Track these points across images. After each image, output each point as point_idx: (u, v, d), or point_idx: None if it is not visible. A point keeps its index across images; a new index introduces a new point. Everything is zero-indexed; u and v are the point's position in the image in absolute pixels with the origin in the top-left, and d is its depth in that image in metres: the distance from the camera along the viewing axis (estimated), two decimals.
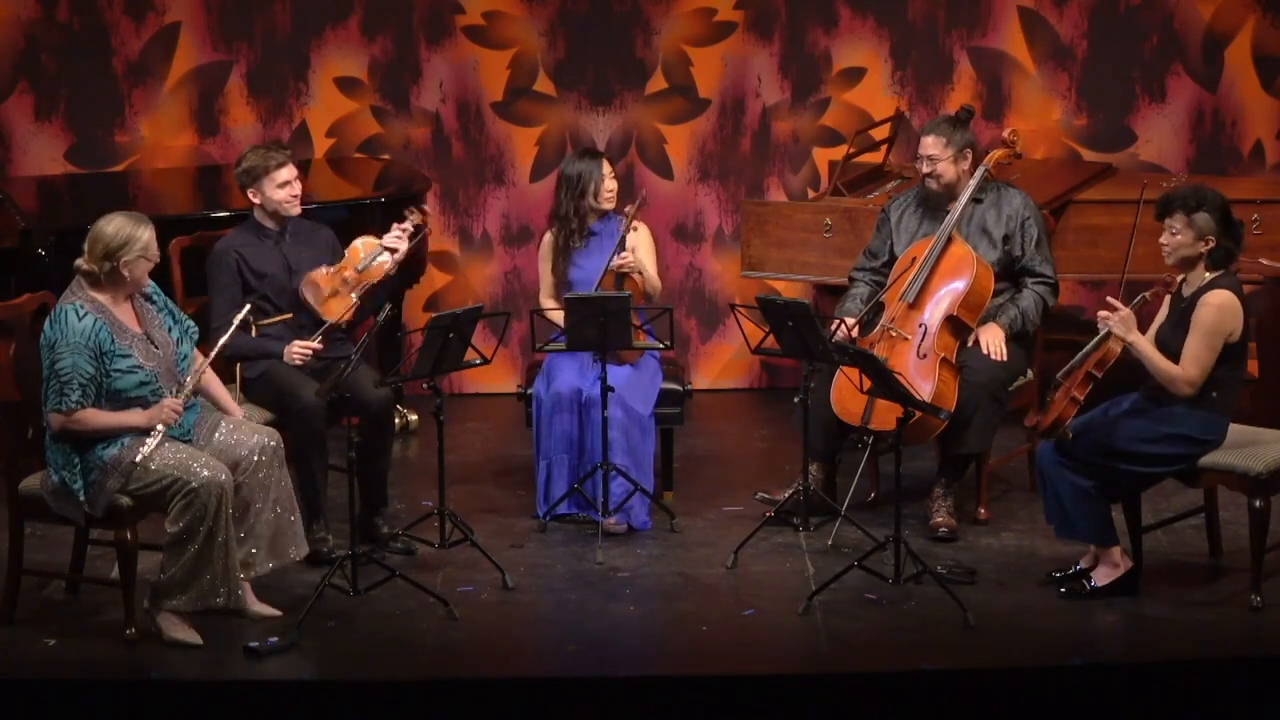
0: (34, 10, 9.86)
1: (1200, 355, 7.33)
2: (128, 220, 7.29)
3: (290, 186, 8.06)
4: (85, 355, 7.17)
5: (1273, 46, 9.99)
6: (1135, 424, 7.45)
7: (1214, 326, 7.35)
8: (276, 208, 8.05)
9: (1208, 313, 7.34)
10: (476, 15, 9.96)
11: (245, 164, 8.09)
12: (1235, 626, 7.48)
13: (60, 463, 7.32)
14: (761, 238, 9.20)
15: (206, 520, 7.23)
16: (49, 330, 7.25)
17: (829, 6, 9.96)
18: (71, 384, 7.16)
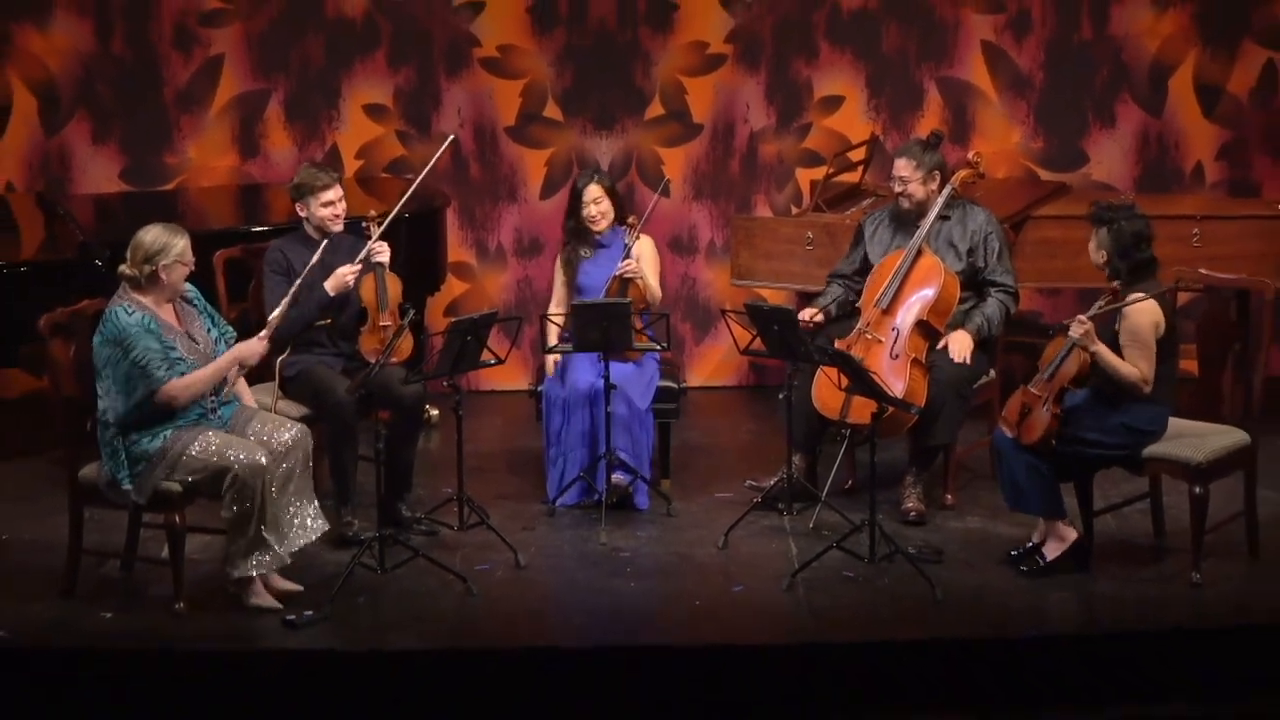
0: (91, 44, 9.87)
1: (1142, 359, 7.37)
2: (165, 230, 7.32)
3: (334, 206, 8.06)
4: (149, 338, 7.20)
5: (1212, 77, 9.99)
6: (1088, 416, 7.47)
7: (1141, 332, 7.39)
8: (320, 223, 8.06)
9: (1130, 324, 7.38)
10: (491, 48, 9.97)
11: (298, 180, 8.10)
12: (1178, 601, 7.49)
13: (108, 456, 7.34)
14: (750, 250, 9.20)
15: (255, 498, 7.26)
16: (106, 331, 7.25)
17: (810, 40, 9.97)
18: (152, 364, 7.19)
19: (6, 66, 9.87)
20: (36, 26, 9.85)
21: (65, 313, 7.66)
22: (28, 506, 8.37)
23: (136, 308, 7.25)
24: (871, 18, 9.93)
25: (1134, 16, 9.95)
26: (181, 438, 7.30)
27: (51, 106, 9.92)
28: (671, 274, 9.86)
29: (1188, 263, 8.35)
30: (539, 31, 9.97)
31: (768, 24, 9.96)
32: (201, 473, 7.28)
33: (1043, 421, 7.41)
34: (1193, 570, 7.57)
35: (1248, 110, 10.01)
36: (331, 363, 8.03)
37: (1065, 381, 7.40)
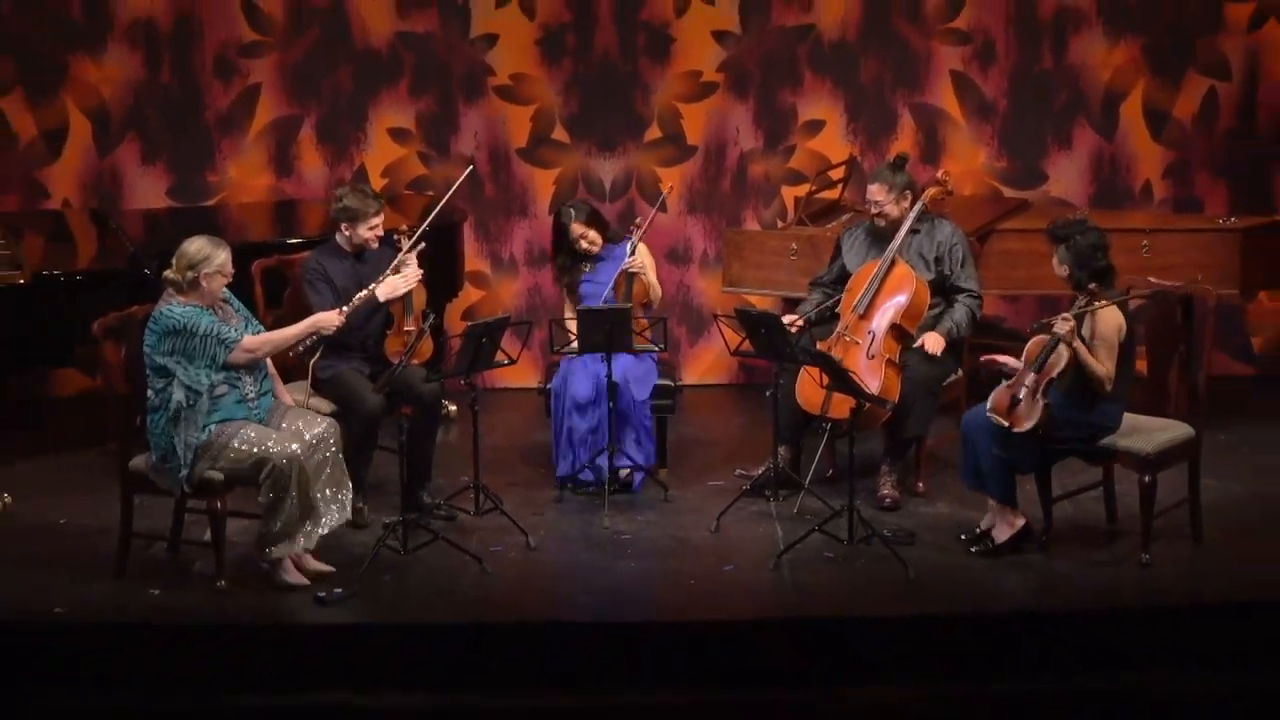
0: (141, 74, 9.87)
1: (1108, 359, 7.38)
2: (209, 241, 7.33)
3: (376, 229, 8.06)
4: (206, 315, 7.23)
5: (1159, 103, 9.99)
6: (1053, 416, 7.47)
7: (1108, 335, 7.40)
8: (363, 244, 8.06)
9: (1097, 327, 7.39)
10: (505, 77, 9.97)
11: (347, 203, 8.04)
12: (1128, 580, 7.49)
13: (160, 446, 7.34)
14: (739, 260, 9.21)
15: (290, 484, 7.26)
16: (160, 326, 7.23)
17: (795, 70, 9.97)
18: (220, 333, 7.24)
19: (64, 94, 9.87)
20: (91, 57, 9.85)
21: (117, 317, 7.66)
22: (82, 494, 8.37)
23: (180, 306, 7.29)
24: (850, 49, 9.94)
25: (1089, 48, 9.95)
26: (225, 431, 7.31)
27: (104, 130, 9.91)
28: (668, 282, 9.86)
29: (1138, 272, 8.35)
30: (548, 62, 9.97)
31: (756, 55, 9.97)
32: (242, 462, 7.29)
33: (1035, 411, 7.40)
34: (1142, 552, 7.57)
35: (1191, 134, 10.01)
36: (360, 368, 8.03)
37: (1053, 374, 7.40)
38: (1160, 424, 7.71)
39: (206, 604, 7.34)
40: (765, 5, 9.91)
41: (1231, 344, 10.00)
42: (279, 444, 7.28)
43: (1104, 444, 7.56)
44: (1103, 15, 9.91)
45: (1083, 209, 9.66)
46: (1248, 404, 9.48)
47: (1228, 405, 9.05)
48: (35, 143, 9.89)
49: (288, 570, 7.41)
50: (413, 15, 9.92)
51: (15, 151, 9.89)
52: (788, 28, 9.94)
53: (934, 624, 7.20)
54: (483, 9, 9.91)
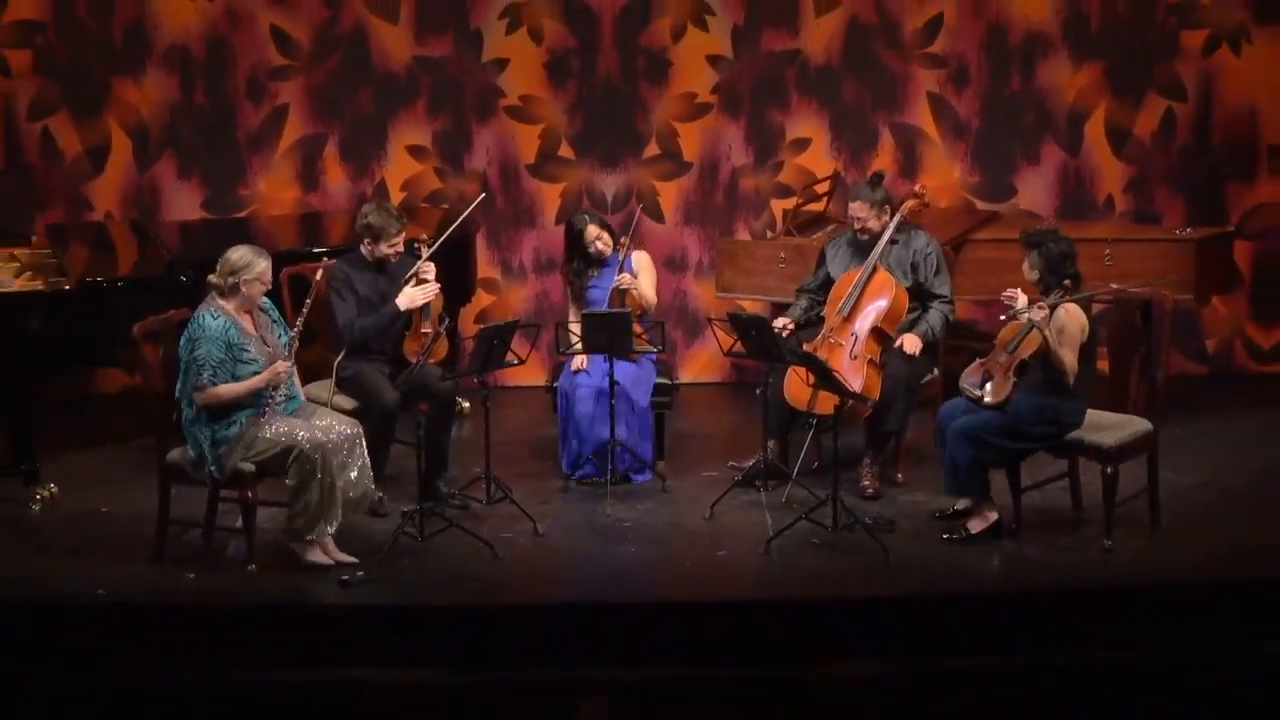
0: (177, 95, 9.87)
1: (1070, 354, 7.38)
2: (251, 250, 7.35)
3: (398, 246, 8.06)
4: (218, 345, 7.22)
5: (1121, 122, 9.99)
6: (1023, 413, 7.47)
7: (1070, 333, 7.40)
8: (383, 258, 8.06)
9: (1062, 325, 7.40)
10: (514, 98, 9.97)
11: (371, 220, 8.05)
12: (1092, 564, 7.49)
13: (195, 440, 7.34)
14: (732, 268, 9.21)
15: (315, 471, 7.26)
16: (190, 330, 7.30)
17: (783, 92, 9.97)
18: (205, 367, 7.22)
19: (106, 114, 9.87)
20: (132, 80, 9.85)
21: (155, 321, 7.68)
22: (123, 485, 8.37)
23: (221, 313, 7.29)
24: (834, 73, 9.93)
25: (1055, 71, 9.95)
26: (255, 423, 7.31)
27: (144, 147, 9.92)
28: (665, 287, 9.85)
29: (1100, 278, 8.35)
30: (554, 84, 9.97)
31: (747, 78, 9.96)
32: (270, 452, 7.29)
33: (1005, 388, 7.41)
34: (1104, 538, 7.57)
35: (1150, 151, 10.01)
36: (381, 367, 8.03)
37: (1024, 355, 7.40)
38: (1121, 420, 7.72)
39: (238, 586, 7.34)
40: (755, 32, 9.91)
41: (1187, 345, 10.00)
42: (305, 433, 7.30)
43: (1069, 438, 7.57)
44: (1067, 41, 9.91)
45: (1050, 220, 9.66)
46: (1202, 401, 9.49)
47: (1184, 402, 9.05)
48: (80, 159, 9.89)
49: (313, 551, 7.41)
50: (429, 41, 9.92)
51: (61, 167, 9.89)
52: (776, 52, 9.94)
53: (911, 604, 7.21)
54: (494, 35, 9.91)
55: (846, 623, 7.16)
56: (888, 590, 7.28)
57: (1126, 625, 7.14)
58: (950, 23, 9.90)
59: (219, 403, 7.27)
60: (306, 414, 7.46)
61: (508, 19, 9.90)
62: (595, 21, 9.91)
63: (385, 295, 8.02)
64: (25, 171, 9.87)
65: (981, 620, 7.17)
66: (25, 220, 9.72)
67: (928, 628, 7.13)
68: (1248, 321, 10.11)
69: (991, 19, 9.90)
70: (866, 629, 7.14)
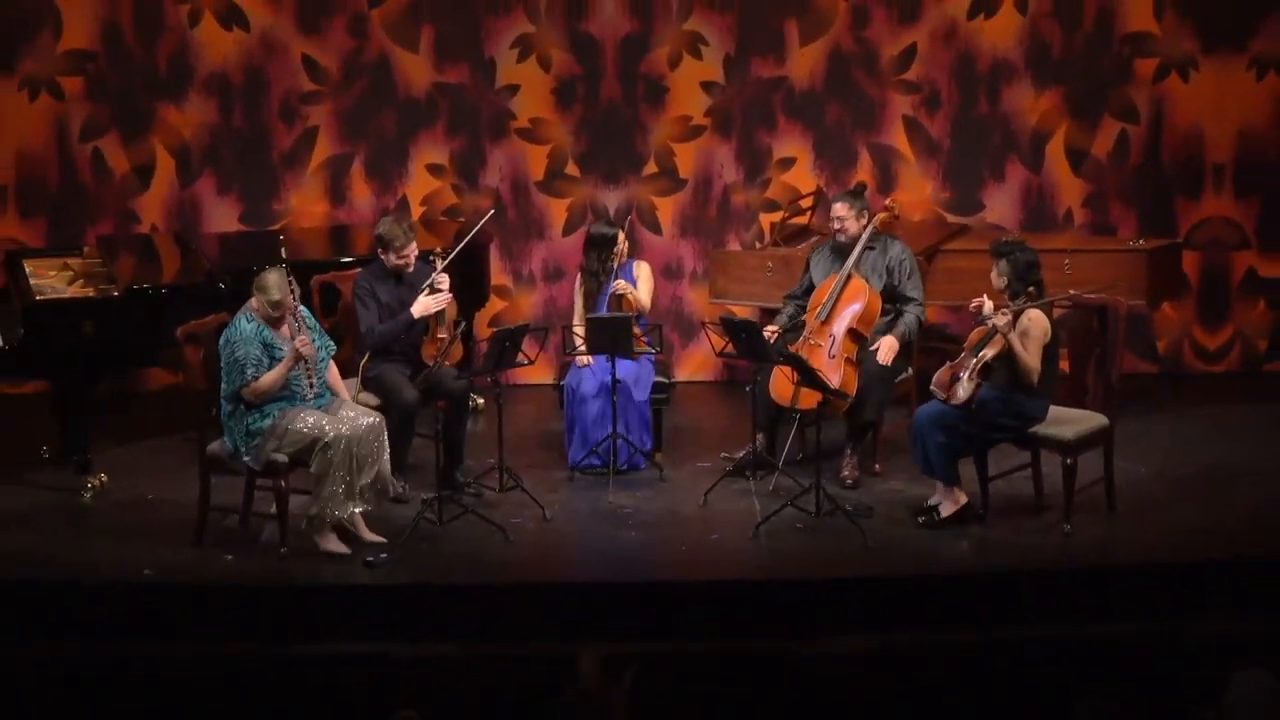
0: (216, 118, 9.86)
1: (1033, 356, 7.37)
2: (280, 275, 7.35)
3: (408, 256, 8.06)
4: (254, 344, 7.26)
5: (1079, 143, 9.97)
6: (991, 407, 7.48)
7: (1033, 336, 7.41)
8: (396, 267, 8.06)
9: (1026, 329, 7.40)
10: (525, 121, 9.96)
11: (383, 231, 8.06)
12: (1052, 547, 7.50)
13: (232, 434, 7.34)
14: (724, 276, 9.20)
15: (338, 459, 7.26)
16: (228, 332, 7.32)
17: (770, 115, 9.95)
18: (248, 365, 7.24)
19: (152, 135, 9.86)
20: (175, 104, 9.84)
21: (196, 324, 7.69)
22: (167, 474, 8.37)
23: (256, 318, 7.31)
24: (817, 98, 9.92)
25: (1019, 97, 9.94)
26: (286, 415, 7.32)
27: (186, 165, 9.90)
28: (663, 294, 9.84)
29: (1060, 285, 8.34)
30: (561, 108, 9.96)
31: (738, 103, 9.95)
32: (301, 443, 7.29)
33: (968, 390, 7.42)
34: (1064, 523, 7.57)
35: (1106, 169, 9.99)
36: (402, 369, 8.03)
37: (989, 358, 7.41)
38: (1080, 415, 7.72)
39: (271, 568, 7.35)
40: (745, 60, 9.90)
41: (1139, 346, 9.99)
42: (331, 426, 7.29)
43: (1032, 432, 7.57)
44: (1030, 69, 9.90)
45: (1014, 232, 9.66)
46: (1153, 397, 9.48)
47: (1136, 399, 9.04)
48: (127, 177, 9.88)
49: (330, 540, 7.39)
50: (447, 68, 9.91)
51: (111, 184, 9.88)
52: (765, 79, 9.92)
53: (887, 584, 7.21)
54: (506, 63, 9.90)
55: (828, 600, 7.16)
56: (866, 571, 7.27)
57: (1084, 603, 7.15)
58: (923, 52, 9.89)
59: (263, 394, 7.27)
60: (334, 409, 7.46)
61: (518, 48, 9.89)
62: (599, 51, 9.90)
63: (405, 302, 8.02)
64: (78, 188, 9.86)
65: (952, 598, 7.17)
66: (78, 232, 9.71)
67: (903, 605, 7.13)
68: (1195, 325, 10.11)
69: (961, 48, 9.90)
70: (846, 606, 7.14)
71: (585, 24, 9.86)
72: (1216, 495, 8.04)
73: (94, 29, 9.74)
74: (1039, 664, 6.85)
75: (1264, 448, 8.65)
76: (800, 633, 7.01)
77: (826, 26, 9.88)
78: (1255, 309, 10.07)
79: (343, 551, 7.38)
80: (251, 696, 6.79)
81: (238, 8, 9.77)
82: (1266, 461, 8.44)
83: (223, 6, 9.76)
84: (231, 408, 7.32)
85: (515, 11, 9.84)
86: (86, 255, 9.05)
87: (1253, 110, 9.89)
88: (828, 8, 9.84)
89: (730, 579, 7.31)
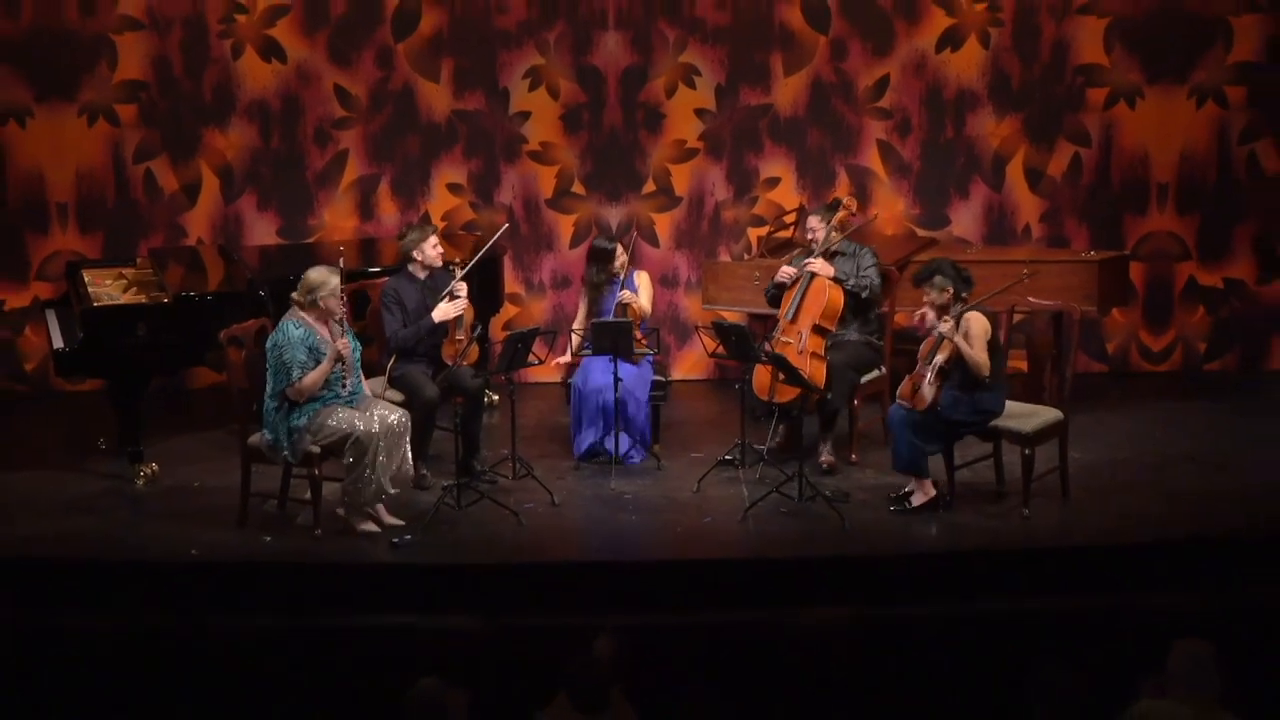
0: (257, 141, 9.87)
1: (981, 350, 7.37)
2: (325, 270, 7.40)
3: (439, 247, 8.10)
4: (301, 349, 7.26)
5: (1036, 164, 9.98)
6: (953, 407, 7.48)
7: (975, 335, 7.41)
8: (430, 261, 8.07)
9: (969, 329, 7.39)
10: (536, 144, 9.97)
11: (410, 236, 8.14)
12: (1012, 530, 7.50)
13: (273, 429, 7.34)
14: (715, 284, 9.20)
15: (368, 455, 7.27)
16: (274, 337, 7.32)
17: (757, 139, 9.96)
18: (294, 368, 7.26)
19: (198, 157, 9.87)
20: (219, 129, 9.85)
21: (238, 328, 7.70)
22: (213, 464, 8.37)
23: (302, 324, 7.31)
24: (800, 123, 9.93)
25: (982, 123, 9.95)
26: (321, 413, 7.32)
27: (229, 184, 9.91)
28: (660, 300, 9.84)
29: (1019, 293, 8.35)
30: (568, 132, 9.97)
31: (728, 128, 9.96)
32: (333, 437, 7.30)
33: (931, 394, 7.43)
34: (1023, 507, 7.58)
35: (1061, 188, 10.00)
36: (425, 369, 8.04)
37: (942, 363, 7.42)
38: (1037, 410, 7.73)
39: (306, 548, 7.35)
40: (735, 89, 9.91)
41: (1091, 348, 9.99)
42: (362, 423, 7.30)
43: (994, 425, 7.58)
44: (992, 97, 9.91)
45: (977, 244, 9.66)
46: (1104, 394, 9.49)
47: (1088, 395, 9.05)
48: (176, 194, 9.89)
49: (364, 521, 7.41)
50: (465, 97, 9.91)
51: (161, 201, 9.89)
52: (752, 106, 9.93)
53: (862, 562, 7.21)
54: (519, 92, 9.91)
55: (809, 576, 7.17)
56: (844, 550, 7.28)
57: (1041, 579, 7.15)
58: (895, 82, 9.89)
59: (306, 392, 7.28)
60: (364, 405, 7.47)
61: (529, 79, 9.90)
62: (602, 81, 9.90)
63: (429, 306, 8.03)
64: (131, 205, 9.87)
65: (921, 575, 7.17)
66: (131, 245, 9.72)
67: (876, 581, 7.14)
68: (1141, 329, 10.11)
69: (930, 79, 9.90)
70: (824, 582, 7.14)
71: (590, 57, 9.87)
72: (1160, 482, 8.05)
73: (146, 62, 9.75)
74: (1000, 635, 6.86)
75: (1203, 440, 8.67)
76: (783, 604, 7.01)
77: (808, 59, 9.88)
78: (1195, 314, 10.08)
79: (375, 530, 7.39)
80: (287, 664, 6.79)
81: (276, 42, 9.78)
82: (1205, 452, 8.45)
83: (262, 41, 9.77)
84: (276, 405, 7.32)
85: (527, 46, 9.85)
86: (139, 266, 9.05)
87: (1193, 135, 9.90)
88: (809, 42, 9.85)
89: (722, 558, 7.32)
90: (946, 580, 7.13)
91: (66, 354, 8.16)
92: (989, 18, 9.84)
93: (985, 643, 6.81)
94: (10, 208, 9.79)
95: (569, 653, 5.66)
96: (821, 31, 9.84)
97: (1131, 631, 6.78)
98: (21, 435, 8.96)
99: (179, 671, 6.74)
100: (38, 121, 9.74)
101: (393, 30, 9.84)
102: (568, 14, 9.83)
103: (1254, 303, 10.03)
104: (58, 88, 9.73)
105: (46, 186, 9.81)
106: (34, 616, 6.93)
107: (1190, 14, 9.77)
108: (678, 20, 9.85)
